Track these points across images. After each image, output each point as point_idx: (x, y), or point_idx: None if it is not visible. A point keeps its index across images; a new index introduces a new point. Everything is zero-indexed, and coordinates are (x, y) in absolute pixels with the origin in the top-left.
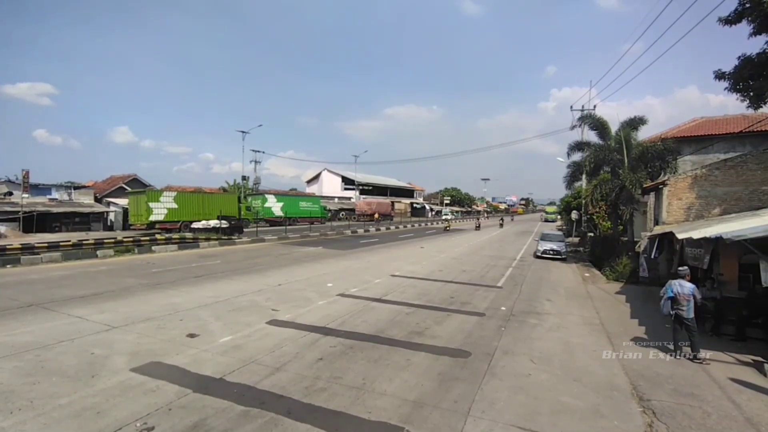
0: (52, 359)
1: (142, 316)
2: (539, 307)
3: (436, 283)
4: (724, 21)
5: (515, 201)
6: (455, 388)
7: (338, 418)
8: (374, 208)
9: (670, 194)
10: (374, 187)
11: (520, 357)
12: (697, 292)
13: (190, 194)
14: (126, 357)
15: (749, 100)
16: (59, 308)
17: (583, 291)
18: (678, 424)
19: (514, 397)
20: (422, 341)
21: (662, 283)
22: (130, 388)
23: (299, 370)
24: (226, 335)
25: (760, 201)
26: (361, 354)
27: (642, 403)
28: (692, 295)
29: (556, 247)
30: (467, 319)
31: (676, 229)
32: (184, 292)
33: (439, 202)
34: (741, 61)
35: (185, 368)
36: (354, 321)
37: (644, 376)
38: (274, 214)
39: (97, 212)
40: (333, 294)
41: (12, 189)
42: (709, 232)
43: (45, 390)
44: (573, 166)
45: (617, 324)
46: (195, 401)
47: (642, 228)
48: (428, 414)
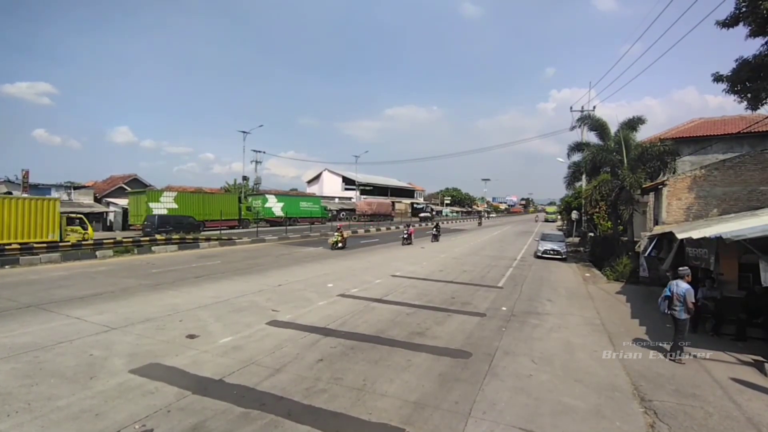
0: (50, 361)
1: (141, 317)
2: (540, 308)
3: (437, 283)
4: (721, 24)
5: (515, 201)
6: (456, 389)
7: (339, 420)
8: (375, 208)
9: (670, 194)
10: (375, 188)
11: (521, 357)
12: (689, 295)
13: (190, 194)
14: (125, 358)
15: (747, 102)
16: (58, 309)
17: (584, 291)
18: (680, 424)
19: (515, 398)
20: (423, 342)
21: (663, 284)
22: (129, 389)
23: (299, 371)
24: (226, 336)
25: (758, 201)
26: (361, 355)
27: (643, 403)
28: (684, 297)
29: (557, 247)
30: (468, 320)
31: (676, 229)
32: (184, 293)
33: (440, 203)
34: (738, 64)
35: (185, 369)
36: (354, 321)
37: (645, 376)
38: (275, 215)
39: (96, 212)
40: (333, 294)
41: (11, 189)
42: (709, 232)
43: (43, 392)
44: (573, 166)
45: (618, 324)
46: (194, 403)
47: (642, 228)
48: (429, 415)
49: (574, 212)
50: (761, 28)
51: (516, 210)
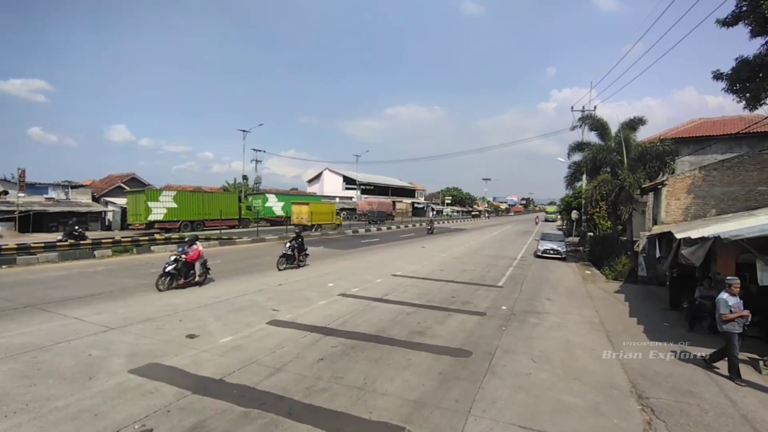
0: (48, 361)
1: (140, 317)
2: (539, 307)
3: (437, 282)
4: (721, 23)
5: (516, 201)
6: (456, 388)
7: (339, 419)
8: (376, 207)
9: (669, 194)
10: (375, 187)
11: (520, 356)
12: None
13: (189, 194)
14: (124, 358)
15: (746, 102)
16: (56, 309)
17: (583, 290)
18: (676, 421)
19: (515, 396)
20: (423, 341)
21: (661, 283)
22: (129, 389)
23: (300, 370)
24: (226, 336)
25: (756, 201)
26: (362, 354)
27: (641, 401)
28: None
29: (557, 246)
30: (468, 319)
31: (675, 228)
32: (184, 293)
33: (440, 202)
34: (738, 63)
35: (184, 369)
36: (355, 321)
37: (643, 374)
38: (275, 214)
39: (94, 212)
40: (334, 294)
41: (8, 188)
42: (707, 232)
43: (41, 392)
44: (573, 166)
45: (616, 323)
46: (194, 402)
47: (641, 228)
48: (429, 414)
49: (574, 212)
50: (762, 29)
51: (516, 210)
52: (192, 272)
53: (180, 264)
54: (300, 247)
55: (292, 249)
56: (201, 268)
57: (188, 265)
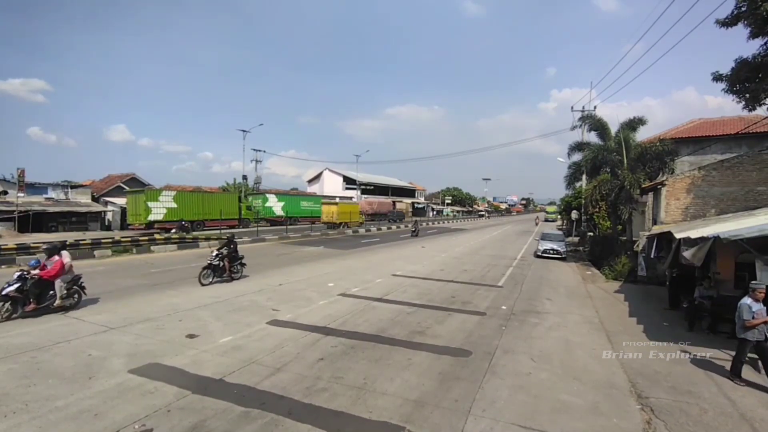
0: (48, 361)
1: (140, 317)
2: (539, 307)
3: (437, 282)
4: (721, 23)
5: (516, 201)
6: (456, 387)
7: (339, 418)
8: (376, 207)
9: (669, 194)
10: (376, 187)
11: (520, 356)
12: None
13: (189, 193)
14: (124, 358)
15: (745, 102)
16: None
17: (583, 290)
18: (675, 421)
19: (515, 396)
20: (423, 341)
21: (660, 282)
22: (129, 389)
23: (300, 370)
24: (226, 336)
25: (755, 201)
26: (362, 354)
27: (640, 400)
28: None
29: (557, 246)
30: (468, 319)
31: (674, 228)
32: (184, 293)
33: (441, 202)
34: (737, 64)
35: (184, 369)
36: (355, 321)
37: (642, 374)
38: (275, 214)
39: (94, 212)
40: (334, 294)
41: (7, 188)
42: (707, 232)
43: (41, 392)
44: (573, 166)
45: (616, 323)
46: (194, 402)
47: (641, 227)
48: (429, 413)
49: (574, 212)
50: (761, 29)
51: (517, 209)
52: (51, 293)
53: (29, 283)
54: (232, 256)
55: (220, 258)
56: (64, 289)
57: (42, 284)
